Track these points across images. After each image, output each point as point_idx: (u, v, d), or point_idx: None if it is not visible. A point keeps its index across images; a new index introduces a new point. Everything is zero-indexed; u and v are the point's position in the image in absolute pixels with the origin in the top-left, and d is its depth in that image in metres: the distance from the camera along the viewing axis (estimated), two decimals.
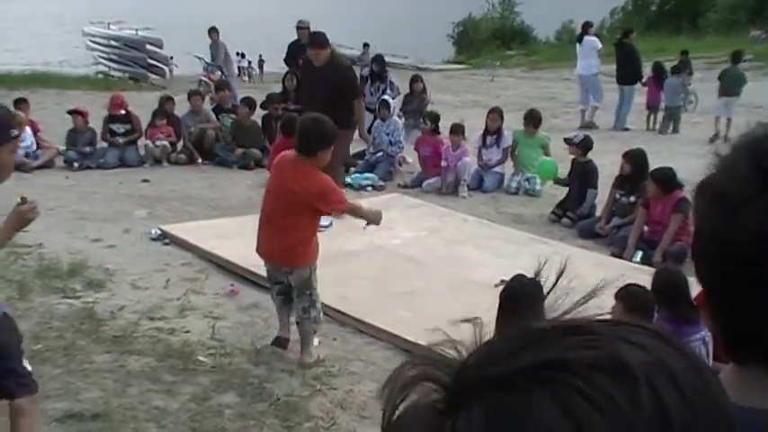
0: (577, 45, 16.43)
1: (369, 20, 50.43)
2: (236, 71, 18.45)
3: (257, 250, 5.47)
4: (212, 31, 17.34)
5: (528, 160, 10.52)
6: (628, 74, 15.56)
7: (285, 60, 13.89)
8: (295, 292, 5.38)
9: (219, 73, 17.25)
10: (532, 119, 10.86)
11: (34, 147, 11.15)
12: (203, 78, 17.47)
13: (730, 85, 14.90)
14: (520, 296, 3.80)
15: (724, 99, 14.77)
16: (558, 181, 9.78)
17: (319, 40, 8.50)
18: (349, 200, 5.72)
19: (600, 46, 15.94)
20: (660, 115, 15.96)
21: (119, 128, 11.60)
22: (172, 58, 22.33)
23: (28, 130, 11.19)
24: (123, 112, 11.79)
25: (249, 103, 12.11)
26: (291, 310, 5.52)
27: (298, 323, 5.48)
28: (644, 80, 16.07)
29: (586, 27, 16.45)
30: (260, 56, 27.60)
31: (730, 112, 14.49)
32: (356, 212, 5.65)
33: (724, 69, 15.74)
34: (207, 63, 17.81)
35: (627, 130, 15.31)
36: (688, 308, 4.71)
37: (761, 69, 21.71)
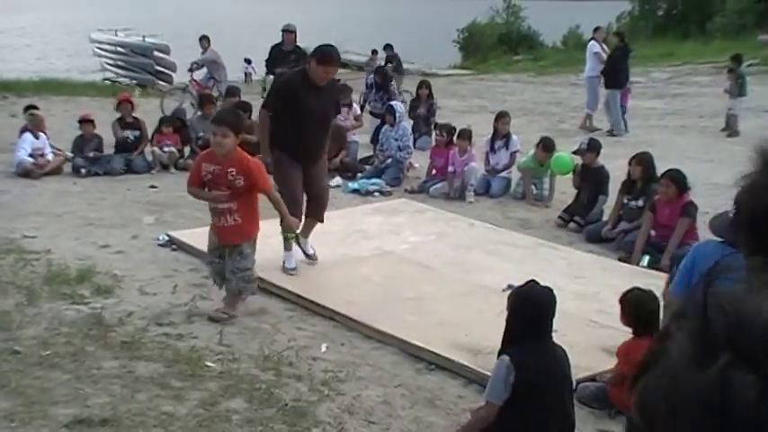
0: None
1: (375, 25, 50.50)
2: (227, 77, 17.91)
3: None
4: (203, 39, 17.04)
5: (540, 174, 10.39)
6: (623, 78, 15.51)
7: (267, 64, 13.37)
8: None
9: (212, 79, 16.94)
10: (546, 146, 10.27)
11: (49, 152, 11.18)
12: (189, 84, 17.20)
13: (741, 87, 15.31)
14: None
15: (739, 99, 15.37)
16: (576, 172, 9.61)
17: (339, 56, 7.19)
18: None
19: (595, 50, 15.93)
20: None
21: (128, 135, 11.62)
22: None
23: (28, 136, 11.18)
24: (131, 106, 11.84)
25: (245, 108, 11.96)
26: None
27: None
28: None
29: (594, 31, 16.55)
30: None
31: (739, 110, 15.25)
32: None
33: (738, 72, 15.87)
34: (192, 66, 17.47)
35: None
36: None
37: None
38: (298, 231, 7.07)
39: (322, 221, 7.42)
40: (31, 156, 10.93)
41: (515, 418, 4.02)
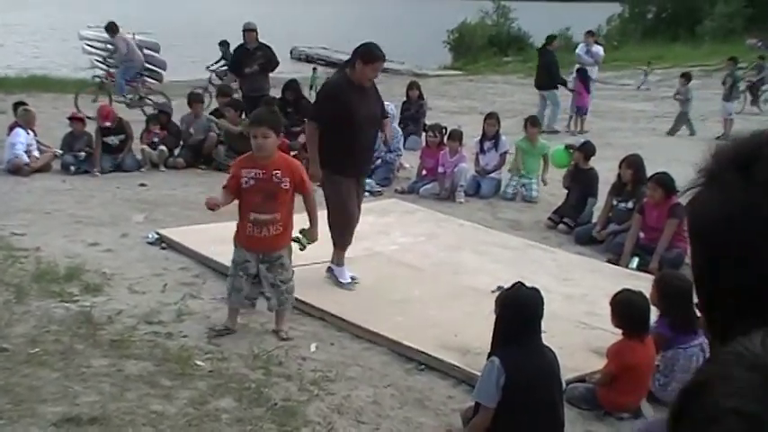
0: None
1: (365, 26, 50.48)
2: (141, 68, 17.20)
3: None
4: (109, 28, 16.13)
5: (531, 168, 10.55)
6: (548, 80, 15.81)
7: (230, 67, 12.97)
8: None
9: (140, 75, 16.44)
10: (533, 123, 11.08)
11: (35, 148, 11.12)
12: (100, 77, 16.65)
13: (735, 90, 15.87)
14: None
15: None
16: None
17: (382, 51, 6.79)
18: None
19: (578, 52, 16.50)
20: (584, 119, 16.14)
21: (113, 140, 11.40)
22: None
23: (21, 131, 11.08)
24: (109, 124, 11.43)
25: (237, 106, 11.95)
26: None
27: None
28: (570, 86, 16.12)
29: (585, 35, 16.89)
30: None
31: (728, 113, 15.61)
32: None
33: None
34: (100, 59, 16.77)
35: (556, 132, 15.28)
36: (691, 314, 4.74)
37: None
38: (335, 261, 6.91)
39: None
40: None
41: (506, 420, 4.03)
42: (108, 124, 11.42)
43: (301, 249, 6.04)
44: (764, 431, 0.73)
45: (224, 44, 18.59)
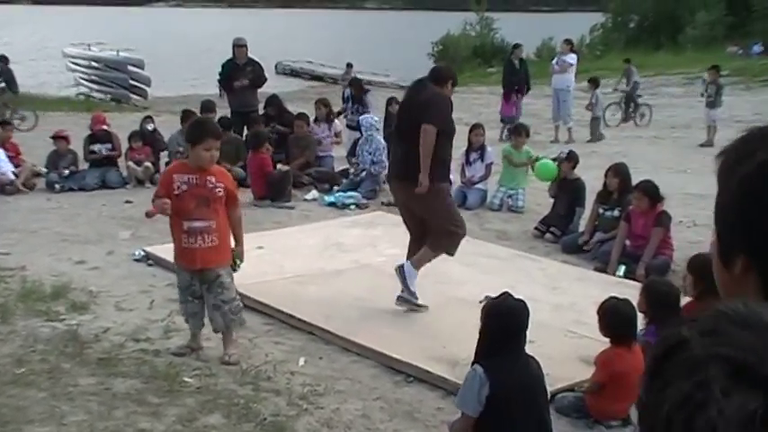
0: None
1: (350, 39, 50.63)
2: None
3: None
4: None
5: (515, 176, 10.61)
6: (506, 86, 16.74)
7: (220, 81, 13.04)
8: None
9: None
10: (521, 132, 11.12)
11: (10, 170, 11.06)
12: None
13: (718, 97, 15.98)
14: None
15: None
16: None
17: None
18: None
19: (553, 62, 17.04)
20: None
21: (100, 148, 11.59)
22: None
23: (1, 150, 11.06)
24: (105, 127, 11.80)
25: (221, 123, 11.99)
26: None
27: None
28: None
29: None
30: None
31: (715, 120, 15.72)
32: None
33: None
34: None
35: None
36: (679, 321, 4.74)
37: (738, 84, 21.93)
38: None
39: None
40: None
41: (490, 430, 4.02)
42: (104, 128, 11.73)
43: (235, 271, 5.81)
44: (752, 380, 0.72)
45: (3, 59, 18.56)
